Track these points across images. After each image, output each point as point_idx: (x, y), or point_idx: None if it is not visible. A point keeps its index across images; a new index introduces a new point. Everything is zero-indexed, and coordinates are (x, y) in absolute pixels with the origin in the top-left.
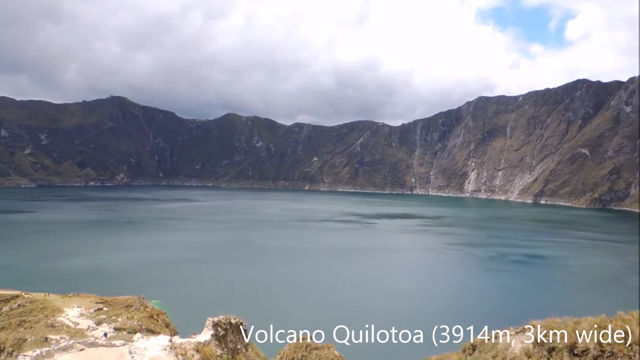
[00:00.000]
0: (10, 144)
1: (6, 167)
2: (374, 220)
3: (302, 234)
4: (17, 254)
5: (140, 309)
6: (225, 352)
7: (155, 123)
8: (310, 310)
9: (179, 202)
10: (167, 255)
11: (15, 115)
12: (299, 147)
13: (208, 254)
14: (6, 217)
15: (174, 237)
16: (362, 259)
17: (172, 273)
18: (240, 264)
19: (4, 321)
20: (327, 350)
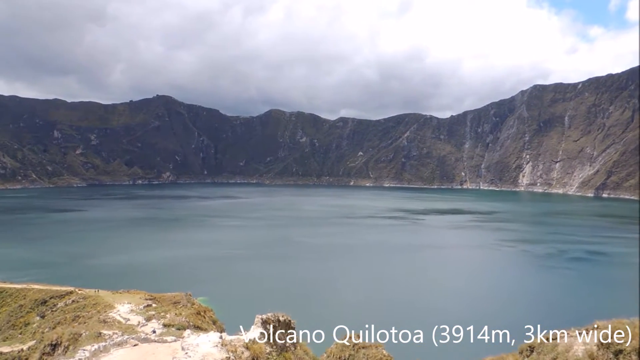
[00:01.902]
0: (62, 145)
1: (59, 167)
2: (422, 216)
3: (346, 230)
4: (68, 251)
5: (188, 305)
6: (274, 349)
7: (199, 121)
8: (355, 309)
9: (223, 199)
10: (212, 252)
11: (66, 116)
12: (343, 142)
13: (251, 251)
14: (59, 215)
15: (217, 234)
16: (409, 256)
17: (217, 270)
18: (283, 261)
19: (60, 316)
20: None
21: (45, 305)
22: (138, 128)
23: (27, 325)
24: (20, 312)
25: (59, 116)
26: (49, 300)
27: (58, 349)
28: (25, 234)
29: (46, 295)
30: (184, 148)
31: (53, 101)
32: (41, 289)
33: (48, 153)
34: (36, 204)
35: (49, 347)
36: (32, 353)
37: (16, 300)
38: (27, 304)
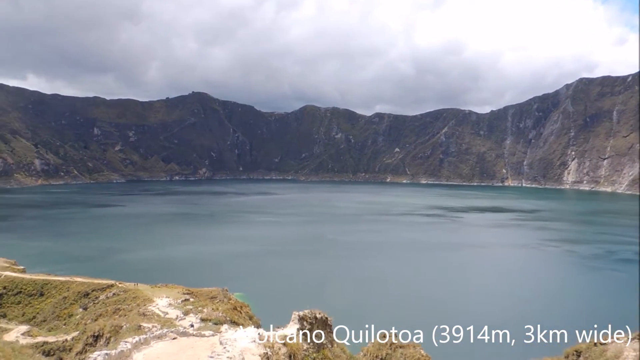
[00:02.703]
0: (102, 142)
1: (99, 163)
2: (460, 214)
3: (381, 228)
4: (108, 245)
5: (224, 300)
6: (311, 346)
7: (234, 117)
8: (391, 308)
9: (258, 195)
10: (247, 248)
11: (106, 113)
12: (379, 138)
13: (286, 247)
14: (99, 210)
15: (252, 230)
16: (446, 255)
17: (252, 266)
18: (318, 258)
19: (101, 308)
20: (412, 349)
21: (88, 298)
22: (174, 125)
23: (70, 316)
24: (64, 303)
25: (99, 113)
26: (91, 293)
27: (100, 340)
28: (67, 229)
29: (88, 287)
30: (219, 144)
31: (92, 99)
32: (83, 282)
33: (88, 150)
34: (77, 199)
35: (91, 338)
36: (76, 343)
37: (60, 292)
38: (70, 296)
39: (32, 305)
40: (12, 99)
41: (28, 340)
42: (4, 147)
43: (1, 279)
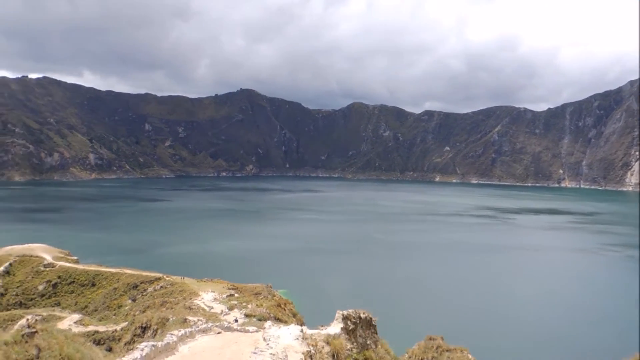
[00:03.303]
0: (153, 137)
1: (150, 158)
2: (513, 215)
3: (428, 228)
4: (156, 238)
5: (268, 297)
6: (354, 346)
7: (281, 114)
8: (437, 310)
9: (304, 192)
10: (291, 245)
11: (156, 110)
12: (428, 136)
13: (330, 245)
14: (148, 204)
15: (297, 227)
16: (496, 257)
17: (296, 263)
18: (362, 258)
19: (149, 300)
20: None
21: (137, 290)
22: (222, 121)
23: (120, 307)
24: (114, 294)
25: (150, 110)
26: (139, 285)
27: (148, 332)
28: (117, 222)
29: (137, 280)
30: (266, 141)
31: (144, 95)
32: (133, 274)
33: (140, 145)
34: (127, 194)
35: (139, 330)
36: (125, 334)
37: (111, 283)
38: (120, 287)
39: (84, 295)
40: (69, 96)
41: (80, 328)
42: (61, 141)
43: (56, 268)
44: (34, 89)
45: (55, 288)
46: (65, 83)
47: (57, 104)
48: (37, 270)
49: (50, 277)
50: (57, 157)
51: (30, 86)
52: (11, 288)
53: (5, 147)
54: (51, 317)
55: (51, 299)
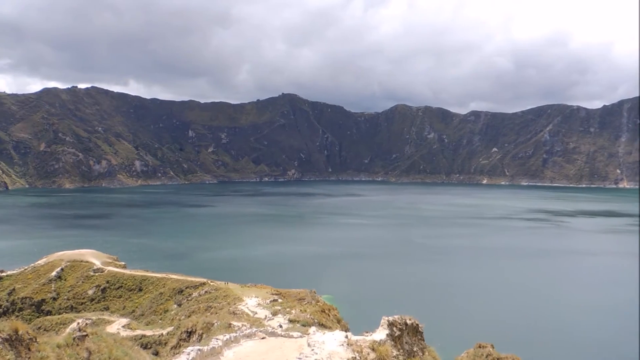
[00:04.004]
0: (196, 144)
1: (193, 164)
2: (566, 218)
3: (474, 232)
4: (199, 243)
5: (312, 302)
6: (401, 353)
7: (323, 118)
8: (486, 318)
9: (346, 197)
10: (334, 250)
11: (199, 116)
12: (475, 138)
13: (373, 250)
14: (191, 210)
15: (340, 232)
16: (549, 262)
17: (339, 268)
18: (406, 262)
19: (194, 305)
20: None
21: (182, 295)
22: (264, 126)
23: (166, 312)
24: (160, 299)
25: (193, 116)
26: (184, 290)
27: (193, 336)
28: (162, 227)
29: (182, 285)
30: (308, 145)
31: (188, 102)
32: (178, 279)
33: (184, 151)
34: (172, 199)
35: (185, 334)
36: (171, 338)
37: (157, 288)
38: (166, 292)
39: (132, 299)
40: (116, 104)
41: (128, 332)
42: (109, 149)
43: (105, 273)
44: (83, 98)
45: (104, 292)
46: (112, 92)
47: (105, 112)
48: (87, 275)
49: (99, 282)
50: (105, 164)
51: (80, 96)
52: (63, 292)
53: (57, 155)
54: (100, 321)
55: (100, 303)
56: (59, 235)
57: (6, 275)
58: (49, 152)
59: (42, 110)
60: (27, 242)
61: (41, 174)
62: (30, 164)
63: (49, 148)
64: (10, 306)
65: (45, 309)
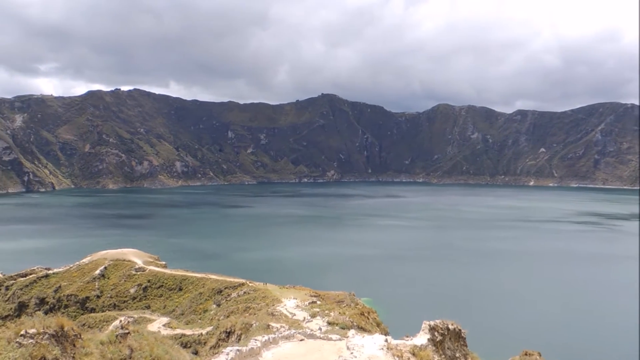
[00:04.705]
0: (235, 145)
1: (232, 165)
2: (620, 221)
3: (519, 235)
4: (237, 244)
5: (351, 305)
6: (442, 358)
7: (363, 118)
8: (531, 325)
9: (386, 198)
10: (373, 252)
11: (239, 117)
12: (521, 138)
13: (412, 252)
14: (230, 211)
15: (379, 234)
16: (600, 267)
17: (379, 270)
18: (446, 266)
19: (233, 306)
20: None
21: (221, 295)
22: (304, 127)
23: (205, 311)
24: (199, 299)
25: (233, 117)
26: (223, 290)
27: (232, 336)
28: (201, 227)
29: (221, 285)
30: (348, 146)
31: (227, 103)
32: (217, 279)
33: (223, 152)
34: (211, 200)
35: (224, 334)
36: (210, 338)
37: (196, 288)
38: (205, 292)
39: (172, 298)
40: (157, 106)
41: (168, 331)
42: (151, 150)
43: (146, 272)
44: (125, 100)
45: (145, 291)
46: (154, 94)
47: (147, 114)
48: (129, 274)
49: (141, 281)
50: (147, 165)
51: (122, 98)
52: (106, 290)
53: (101, 156)
54: (142, 319)
55: (142, 301)
56: (102, 234)
57: (53, 273)
58: (93, 153)
59: (86, 113)
60: (72, 241)
61: (86, 175)
62: (76, 165)
63: (93, 149)
64: (56, 303)
65: (89, 306)
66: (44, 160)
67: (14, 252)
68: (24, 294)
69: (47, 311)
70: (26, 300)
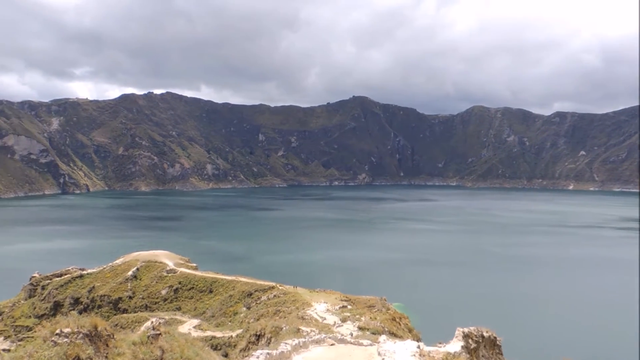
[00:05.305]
0: (266, 147)
1: (263, 168)
2: None
3: (555, 241)
4: (266, 246)
5: (383, 310)
6: None
7: (395, 121)
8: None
9: (418, 202)
10: (405, 256)
11: (270, 120)
12: (560, 140)
13: (444, 257)
14: (260, 213)
15: (410, 238)
16: None
17: (410, 275)
18: (479, 272)
19: (263, 309)
20: None
21: (251, 298)
22: (335, 129)
23: (235, 314)
24: (229, 301)
25: (263, 120)
26: (254, 293)
27: (262, 340)
28: (231, 230)
29: (251, 288)
30: (379, 149)
31: (258, 106)
32: (247, 282)
33: (254, 155)
34: (241, 203)
35: (254, 337)
36: (240, 340)
37: (227, 290)
38: (235, 295)
39: (203, 300)
40: (189, 109)
41: (199, 333)
42: (182, 153)
43: (177, 274)
44: (158, 103)
45: (176, 293)
46: (186, 97)
47: (179, 117)
48: (161, 275)
49: (172, 283)
50: (178, 167)
51: (155, 101)
52: (138, 291)
53: (134, 159)
54: (173, 321)
55: (173, 303)
56: (134, 235)
57: (87, 274)
58: (127, 156)
59: (120, 116)
60: (105, 242)
61: (119, 177)
62: (109, 167)
63: (126, 152)
64: (90, 303)
65: (122, 307)
66: (79, 163)
67: (50, 252)
68: (59, 294)
69: (81, 311)
70: (61, 300)
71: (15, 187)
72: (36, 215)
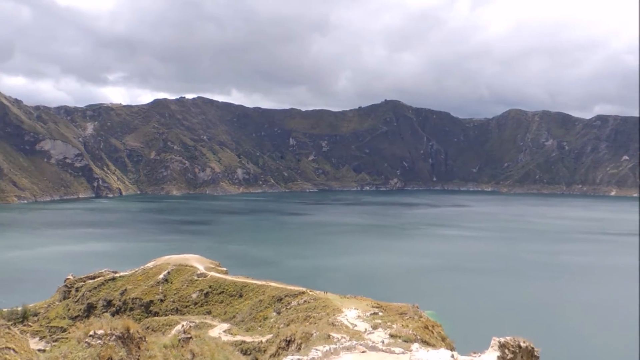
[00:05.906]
0: (297, 152)
1: (293, 172)
2: None
3: (595, 249)
4: (296, 251)
5: (415, 318)
6: None
7: (428, 125)
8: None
9: (452, 207)
10: (437, 262)
11: (300, 124)
12: (601, 145)
13: (479, 264)
14: (290, 218)
15: (443, 244)
16: None
17: (443, 282)
18: (514, 279)
19: (293, 314)
20: None
21: (281, 303)
22: (366, 134)
23: (265, 319)
24: (259, 306)
25: (294, 124)
26: (284, 298)
27: (292, 345)
28: (261, 234)
29: (282, 293)
30: (412, 153)
31: (289, 110)
32: (277, 287)
33: (284, 159)
34: (271, 207)
35: (284, 342)
36: (270, 346)
37: (257, 295)
38: (265, 300)
39: (232, 305)
40: (220, 114)
41: (229, 337)
42: (213, 157)
43: (208, 278)
44: (190, 108)
45: (206, 297)
46: (217, 102)
47: (210, 121)
48: (191, 279)
49: (202, 287)
50: (209, 172)
51: (187, 106)
52: (169, 295)
53: (165, 163)
54: (203, 325)
55: (203, 307)
56: (165, 239)
57: (119, 276)
58: (159, 160)
59: (153, 120)
60: (137, 245)
61: (151, 181)
62: (142, 171)
63: (158, 156)
64: (122, 305)
65: (153, 309)
66: (112, 167)
67: (84, 254)
68: (93, 296)
69: (114, 313)
70: (94, 302)
71: (51, 191)
72: (71, 218)
